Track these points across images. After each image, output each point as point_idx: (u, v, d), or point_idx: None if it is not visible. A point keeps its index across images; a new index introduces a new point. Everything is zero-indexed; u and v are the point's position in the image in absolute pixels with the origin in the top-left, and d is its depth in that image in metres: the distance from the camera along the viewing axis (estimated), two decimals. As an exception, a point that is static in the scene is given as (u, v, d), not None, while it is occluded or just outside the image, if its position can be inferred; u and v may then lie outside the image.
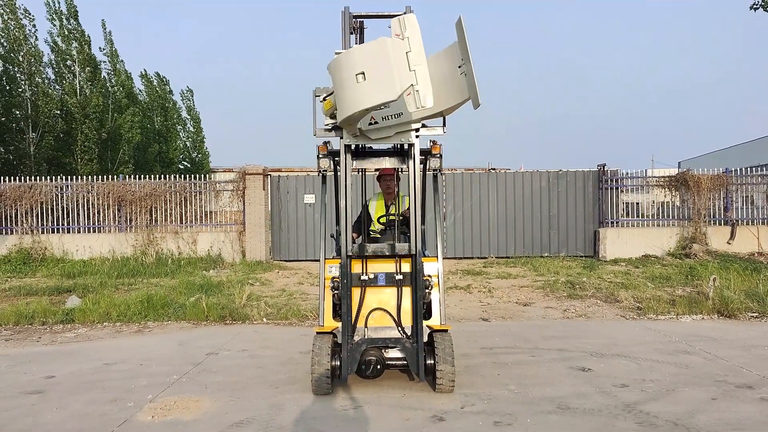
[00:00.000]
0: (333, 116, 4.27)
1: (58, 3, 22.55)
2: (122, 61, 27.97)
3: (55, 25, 22.50)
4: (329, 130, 4.45)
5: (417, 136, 4.34)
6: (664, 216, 14.83)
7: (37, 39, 21.68)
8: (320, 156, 4.79)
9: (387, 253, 4.53)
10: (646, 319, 7.33)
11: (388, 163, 4.68)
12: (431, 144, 4.83)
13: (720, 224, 14.00)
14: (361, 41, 4.82)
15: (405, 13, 4.19)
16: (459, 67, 3.97)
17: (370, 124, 4.16)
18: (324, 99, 4.31)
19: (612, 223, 14.21)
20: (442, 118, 4.36)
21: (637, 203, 16.16)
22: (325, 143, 4.87)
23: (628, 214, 14.97)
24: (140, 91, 30.81)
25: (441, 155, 4.84)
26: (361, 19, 4.85)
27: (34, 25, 21.30)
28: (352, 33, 4.77)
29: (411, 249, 4.41)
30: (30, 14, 21.19)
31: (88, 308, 7.84)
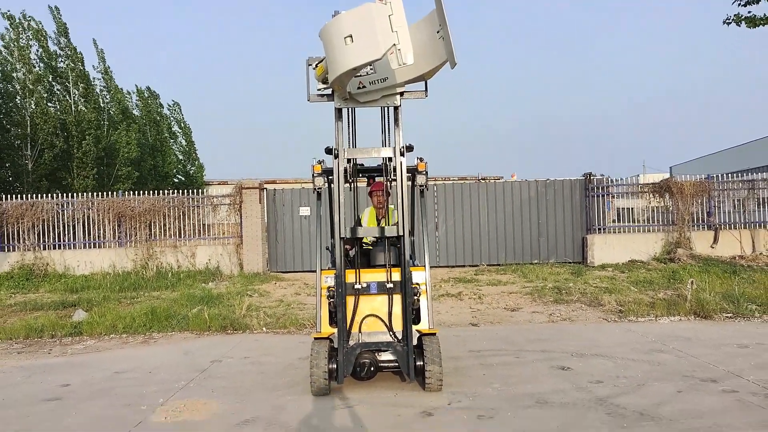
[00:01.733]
0: (325, 81, 4.68)
1: (41, 24, 22.81)
2: (113, 77, 27.85)
3: (45, 44, 22.80)
4: (322, 96, 4.88)
5: (401, 99, 4.74)
6: (651, 221, 15.26)
7: (39, 59, 22.16)
8: (315, 175, 5.18)
9: (377, 236, 5.05)
10: (627, 322, 7.73)
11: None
12: (418, 161, 5.25)
13: (704, 229, 14.45)
14: None
15: None
16: (437, 32, 4.36)
17: (359, 88, 4.59)
18: (316, 66, 4.76)
19: (599, 229, 14.65)
20: (424, 82, 4.80)
21: (631, 208, 16.65)
22: (320, 162, 5.28)
23: (620, 219, 15.40)
24: (135, 105, 31.18)
25: (426, 172, 5.26)
26: None
27: (40, 45, 21.76)
28: None
29: (399, 231, 4.79)
30: (39, 33, 21.67)
31: (95, 321, 8.18)
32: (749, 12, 10.68)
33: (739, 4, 10.90)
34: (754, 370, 5.21)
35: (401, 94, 4.73)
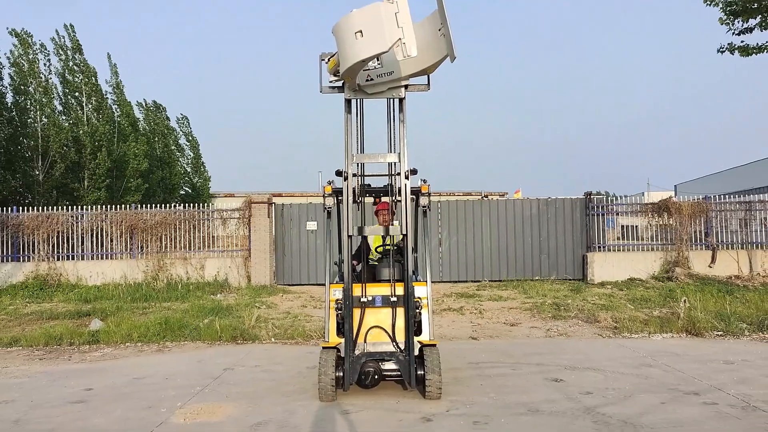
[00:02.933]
0: (336, 73, 5.12)
1: (63, 38, 23.60)
2: (123, 90, 28.31)
3: (61, 59, 23.55)
4: (333, 88, 5.33)
5: (405, 91, 5.17)
6: (654, 239, 15.50)
7: (50, 72, 22.84)
8: (326, 195, 5.59)
9: (382, 234, 5.51)
10: (621, 338, 8.04)
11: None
12: (422, 183, 5.65)
13: (702, 248, 14.76)
14: None
15: None
16: (439, 30, 4.80)
17: (367, 80, 5.04)
18: (328, 60, 5.23)
19: (599, 247, 14.97)
20: (426, 76, 5.24)
21: (635, 226, 16.96)
22: (330, 182, 5.68)
23: (625, 237, 15.68)
24: (143, 119, 31.84)
25: (429, 193, 5.66)
26: None
27: (48, 60, 22.48)
28: None
29: (401, 230, 5.18)
30: (45, 48, 22.38)
31: (111, 330, 8.57)
32: (742, 41, 11.10)
33: (733, 33, 11.33)
34: (736, 384, 5.52)
35: (406, 87, 5.18)
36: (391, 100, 5.46)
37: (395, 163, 5.43)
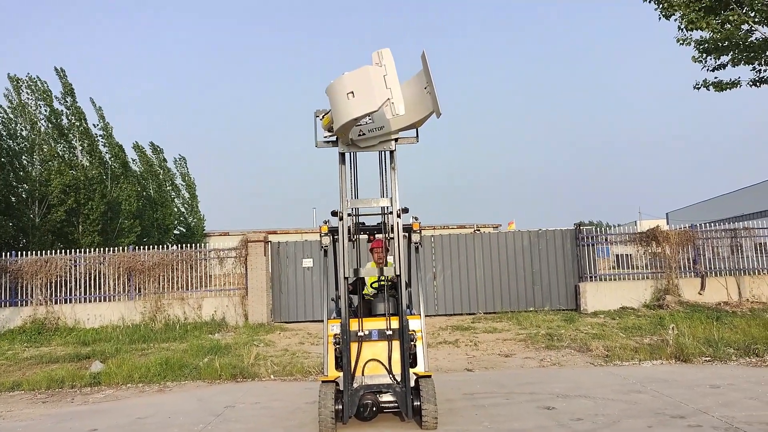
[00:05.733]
0: (330, 129, 5.49)
1: (46, 84, 23.95)
2: (112, 133, 28.31)
3: (50, 104, 23.89)
4: (327, 142, 5.69)
5: (396, 144, 5.54)
6: (647, 268, 15.80)
7: (46, 119, 23.33)
8: (322, 235, 5.88)
9: (377, 275, 5.77)
10: (612, 366, 8.25)
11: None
12: (413, 220, 5.96)
13: (691, 276, 15.05)
14: None
15: None
16: (425, 88, 5.22)
17: (359, 135, 5.41)
18: (323, 117, 5.62)
19: (590, 277, 15.24)
20: (415, 129, 5.63)
21: (629, 255, 17.27)
22: (326, 222, 5.98)
23: (619, 266, 15.93)
24: (133, 160, 32.28)
25: (421, 230, 5.97)
26: None
27: (38, 104, 22.94)
28: None
29: (395, 271, 5.41)
30: (48, 93, 22.92)
31: (112, 371, 8.68)
32: (716, 77, 11.66)
33: (708, 70, 11.91)
34: (720, 407, 5.74)
35: (396, 140, 5.56)
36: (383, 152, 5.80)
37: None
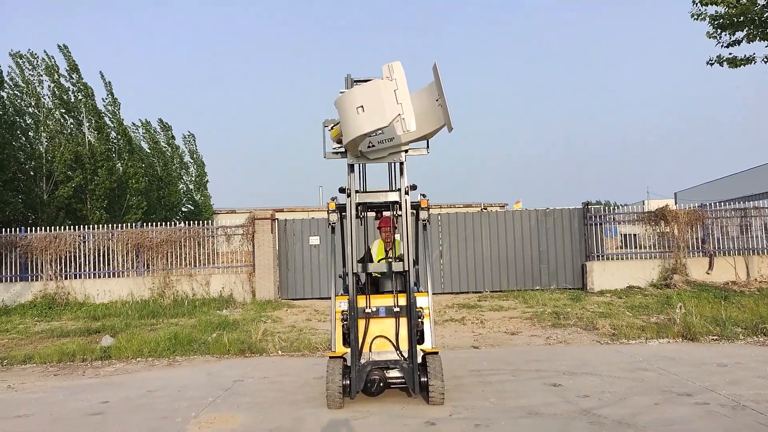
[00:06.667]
0: (339, 141, 5.39)
1: (53, 59, 23.83)
2: (117, 110, 28.08)
3: (56, 80, 23.78)
4: (336, 153, 5.58)
5: (405, 155, 5.44)
6: (654, 247, 15.70)
7: (52, 95, 23.27)
8: (330, 211, 5.86)
9: (384, 270, 5.69)
10: (618, 344, 8.26)
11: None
12: (421, 198, 5.93)
13: (699, 255, 14.97)
14: None
15: None
16: (436, 100, 5.10)
17: (369, 147, 5.31)
18: (332, 128, 5.50)
19: (598, 256, 15.19)
20: (425, 141, 5.52)
21: (636, 234, 17.19)
22: (333, 199, 5.96)
23: (626, 245, 15.87)
24: (142, 138, 32.24)
25: (429, 207, 5.94)
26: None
27: (41, 80, 22.88)
28: None
29: (404, 266, 5.41)
30: (54, 68, 22.83)
31: (122, 345, 8.80)
32: (730, 54, 11.43)
33: (722, 46, 11.67)
34: (727, 385, 5.75)
35: (406, 151, 5.44)
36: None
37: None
